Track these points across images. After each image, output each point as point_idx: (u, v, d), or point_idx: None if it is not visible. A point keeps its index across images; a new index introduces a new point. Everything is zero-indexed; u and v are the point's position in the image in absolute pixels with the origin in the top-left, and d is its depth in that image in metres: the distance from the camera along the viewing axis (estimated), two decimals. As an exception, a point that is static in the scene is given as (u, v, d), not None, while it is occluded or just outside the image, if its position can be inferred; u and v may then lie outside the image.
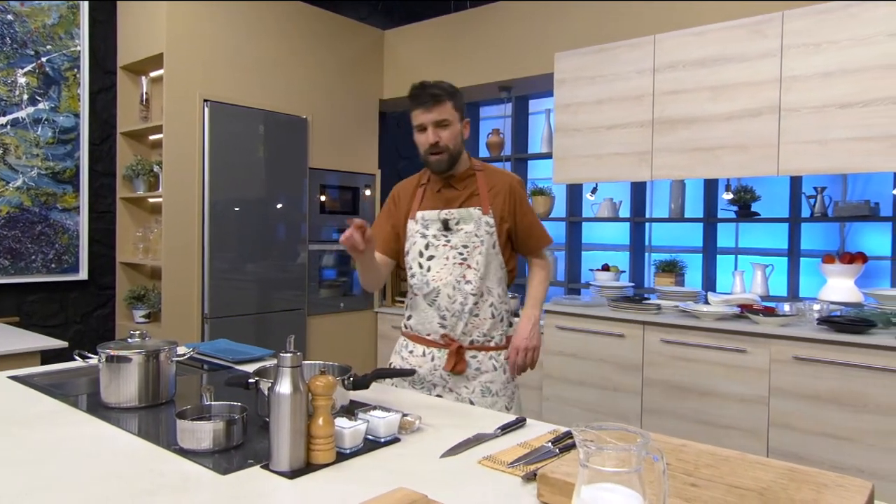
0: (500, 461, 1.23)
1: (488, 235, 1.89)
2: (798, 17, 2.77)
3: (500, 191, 1.92)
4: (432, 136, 1.83)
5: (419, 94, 1.84)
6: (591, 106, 3.41)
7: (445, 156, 1.85)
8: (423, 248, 1.92)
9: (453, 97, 1.86)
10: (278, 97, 3.88)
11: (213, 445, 1.24)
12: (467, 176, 1.94)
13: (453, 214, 1.91)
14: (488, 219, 1.89)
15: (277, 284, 3.84)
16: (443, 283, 1.88)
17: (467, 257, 1.88)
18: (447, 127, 1.84)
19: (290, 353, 1.18)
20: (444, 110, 1.83)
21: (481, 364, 1.91)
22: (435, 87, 1.84)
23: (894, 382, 2.48)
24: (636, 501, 0.80)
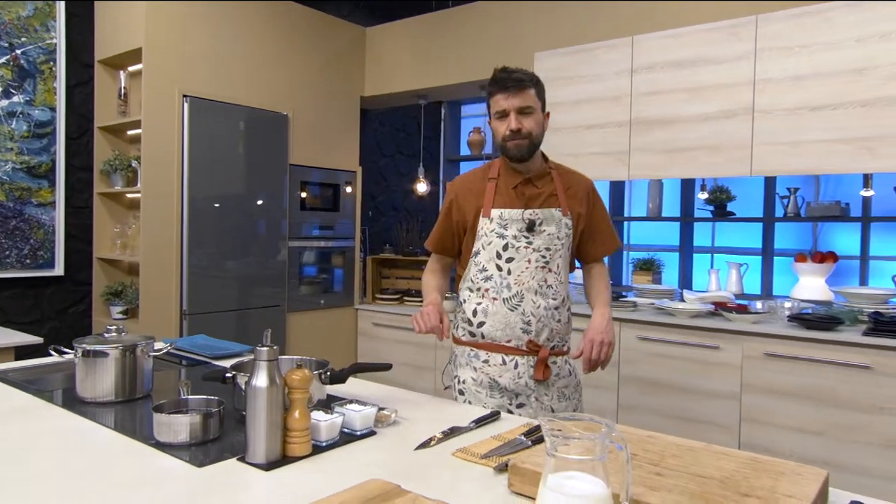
0: (474, 453, 1.26)
1: (567, 238, 1.83)
2: (772, 21, 2.83)
3: (578, 192, 1.86)
4: (514, 123, 1.73)
5: (503, 78, 1.76)
6: (570, 106, 3.45)
7: (527, 142, 1.75)
8: (501, 248, 1.80)
9: (537, 85, 1.79)
10: (259, 93, 3.87)
11: (189, 439, 1.25)
12: (545, 174, 1.85)
13: (538, 215, 1.80)
14: (568, 220, 1.83)
15: (257, 281, 3.83)
16: (526, 287, 1.79)
17: (549, 261, 1.80)
18: (530, 114, 1.75)
19: (267, 346, 1.19)
20: (527, 97, 1.74)
21: (560, 369, 1.86)
22: (519, 72, 1.76)
23: (859, 378, 2.55)
24: (600, 488, 0.82)
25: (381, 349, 4.32)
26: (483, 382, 1.83)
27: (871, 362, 2.53)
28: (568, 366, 1.89)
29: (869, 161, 2.63)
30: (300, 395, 1.21)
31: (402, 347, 4.21)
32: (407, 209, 5.72)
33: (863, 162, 2.65)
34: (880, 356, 2.51)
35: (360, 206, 4.55)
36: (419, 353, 4.12)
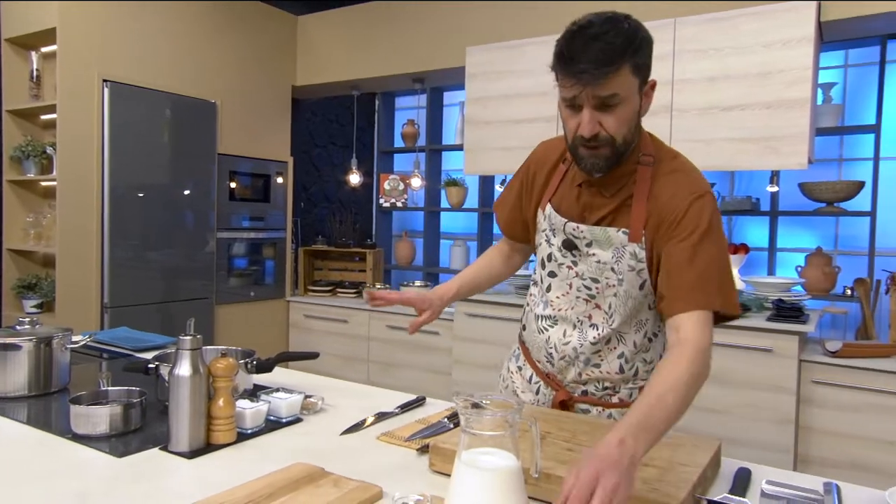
0: (398, 436, 1.30)
1: (633, 273, 1.27)
2: (688, 25, 2.98)
3: (662, 206, 1.22)
4: (589, 125, 1.14)
5: (576, 51, 1.10)
6: (501, 100, 3.53)
7: (607, 150, 1.17)
8: (546, 257, 1.39)
9: (636, 52, 1.12)
10: (186, 80, 3.75)
11: (109, 430, 1.23)
12: (626, 173, 1.25)
13: (583, 233, 1.30)
14: (637, 248, 1.25)
15: (184, 273, 3.73)
16: (561, 314, 1.37)
17: (596, 295, 1.32)
18: (616, 107, 1.13)
19: (190, 335, 1.19)
20: (615, 82, 1.10)
21: None
22: (606, 35, 1.09)
23: (762, 360, 2.74)
24: (511, 461, 0.88)
25: (312, 341, 4.29)
26: (509, 387, 1.55)
27: (772, 346, 2.72)
28: (612, 422, 1.33)
29: (774, 159, 2.82)
30: (224, 383, 1.22)
31: (334, 339, 4.21)
32: (340, 200, 5.68)
33: (768, 160, 2.84)
34: (780, 340, 2.71)
35: (292, 196, 4.50)
36: (351, 345, 4.12)
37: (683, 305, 1.14)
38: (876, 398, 2.59)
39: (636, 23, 1.15)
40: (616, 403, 1.38)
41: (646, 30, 1.16)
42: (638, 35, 1.14)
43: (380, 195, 5.05)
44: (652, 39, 1.18)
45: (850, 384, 2.63)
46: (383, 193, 5.03)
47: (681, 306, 1.14)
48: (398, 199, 4.99)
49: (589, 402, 1.39)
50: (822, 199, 3.45)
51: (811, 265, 3.53)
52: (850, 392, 2.63)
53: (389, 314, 3.98)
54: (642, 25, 1.16)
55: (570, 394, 1.40)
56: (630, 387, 1.39)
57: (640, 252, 1.25)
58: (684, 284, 1.15)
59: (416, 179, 4.37)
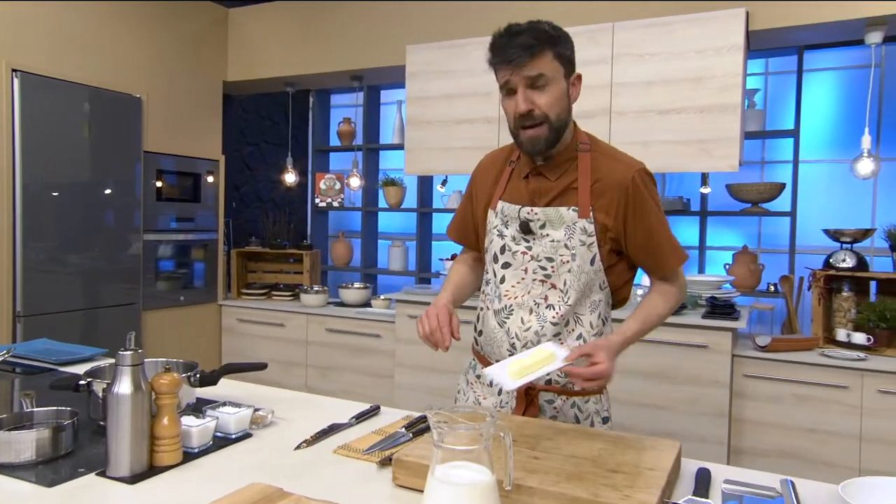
0: (356, 449, 1.25)
1: (584, 247, 1.37)
2: (626, 29, 3.04)
3: (610, 185, 1.37)
4: (523, 102, 1.31)
5: (504, 44, 1.31)
6: (442, 100, 3.50)
7: (544, 129, 1.33)
8: (499, 250, 1.46)
9: (556, 43, 1.32)
10: (108, 73, 3.53)
11: (35, 457, 1.12)
12: (567, 159, 1.40)
13: (536, 215, 1.41)
14: (586, 224, 1.37)
15: (107, 277, 3.51)
16: (517, 301, 1.43)
17: (551, 274, 1.40)
18: (545, 87, 1.31)
19: (131, 350, 1.10)
20: (539, 63, 1.29)
21: (560, 412, 1.44)
22: (528, 31, 1.30)
23: (698, 356, 2.84)
24: (485, 476, 0.85)
25: (247, 346, 4.14)
26: (469, 398, 1.56)
27: (707, 342, 2.82)
28: (575, 410, 1.44)
29: (707, 161, 2.93)
30: (169, 400, 1.13)
31: (269, 344, 4.07)
32: (274, 200, 5.51)
33: (702, 162, 2.94)
34: (715, 336, 2.82)
35: (224, 196, 4.32)
36: (288, 349, 4.00)
37: (671, 266, 1.44)
38: (799, 389, 2.73)
39: (552, 25, 1.36)
40: (578, 392, 1.43)
41: (566, 32, 1.37)
42: (558, 31, 1.35)
43: (315, 195, 4.93)
44: (572, 41, 1.38)
45: (777, 377, 2.76)
46: (319, 193, 4.92)
47: (670, 267, 1.44)
48: (334, 198, 4.89)
49: (553, 391, 1.43)
50: (747, 199, 3.62)
51: (738, 263, 3.70)
52: (778, 384, 2.76)
53: (328, 317, 3.89)
54: (562, 30, 1.37)
55: (533, 383, 1.38)
56: None
57: (588, 227, 1.38)
58: (664, 250, 1.42)
59: (355, 179, 4.29)
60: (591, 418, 1.47)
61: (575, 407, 1.44)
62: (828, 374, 2.67)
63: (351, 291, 4.09)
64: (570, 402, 1.44)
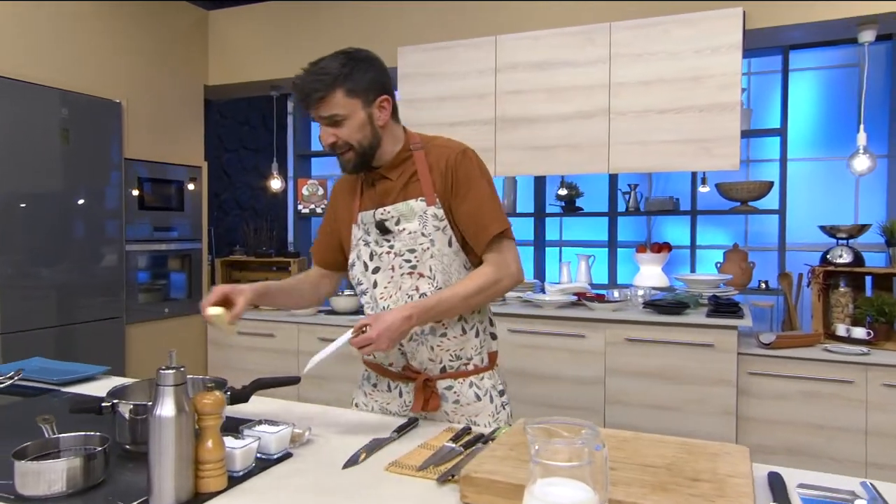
0: (408, 465, 1.18)
1: (439, 231, 1.48)
2: (623, 30, 3.04)
3: (441, 170, 1.49)
4: (325, 137, 1.45)
5: (297, 89, 1.44)
6: (434, 102, 3.45)
7: (351, 154, 1.46)
8: (367, 257, 1.54)
9: (345, 81, 1.41)
10: (85, 77, 3.38)
11: (66, 488, 1.03)
12: (403, 159, 1.51)
13: (389, 212, 1.50)
14: (435, 210, 1.48)
15: (88, 291, 3.35)
16: (392, 300, 1.50)
17: (417, 264, 1.48)
18: (342, 122, 1.43)
19: (174, 369, 1.02)
20: (331, 104, 1.41)
21: (460, 395, 1.52)
22: (314, 77, 1.41)
23: (703, 355, 2.83)
24: (587, 493, 0.80)
25: (235, 358, 4.00)
26: (373, 409, 1.62)
27: (713, 341, 2.82)
28: (474, 389, 1.53)
29: (707, 160, 2.93)
30: (213, 421, 1.05)
31: (259, 355, 3.94)
32: (254, 207, 5.38)
33: (702, 161, 2.95)
34: (720, 334, 2.82)
35: (206, 204, 4.18)
36: (278, 360, 3.88)
37: (490, 231, 1.46)
38: (804, 385, 2.74)
39: (358, 54, 1.44)
40: (472, 370, 1.54)
41: (369, 58, 1.44)
42: (351, 64, 1.41)
43: (298, 201, 4.82)
44: (374, 65, 1.44)
45: (782, 373, 2.77)
46: (301, 199, 4.81)
47: (489, 233, 1.46)
48: (318, 204, 4.78)
49: (450, 377, 1.52)
50: (737, 198, 3.65)
51: (729, 261, 3.72)
52: (783, 381, 2.77)
53: (320, 325, 3.78)
54: (365, 56, 1.45)
55: (428, 375, 1.51)
56: (480, 352, 1.56)
57: (438, 212, 1.48)
58: (483, 218, 1.46)
59: (344, 184, 4.19)
60: (489, 393, 1.55)
61: (473, 386, 1.53)
62: (833, 370, 2.69)
63: (342, 299, 3.99)
64: (468, 382, 1.53)
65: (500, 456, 1.09)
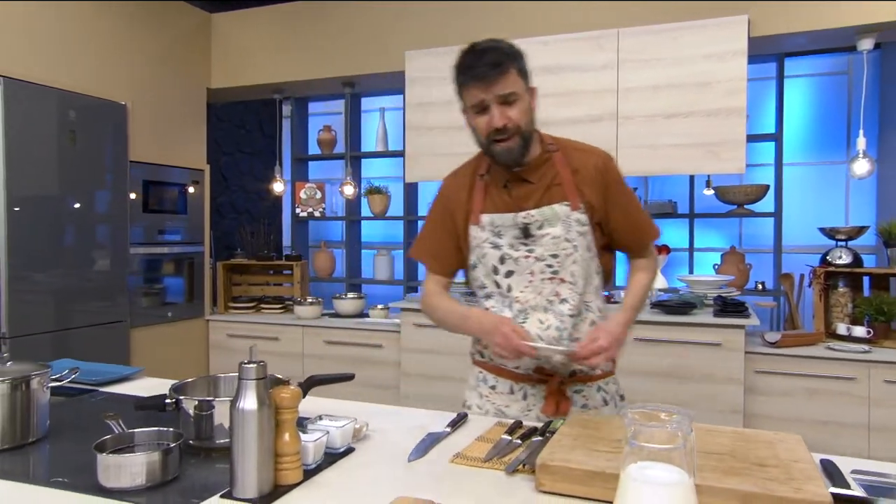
0: (473, 458, 1.21)
1: (581, 237, 1.45)
2: (631, 35, 3.11)
3: (588, 174, 1.47)
4: (499, 119, 1.38)
5: (473, 63, 1.38)
6: (443, 106, 3.48)
7: (516, 140, 1.40)
8: (498, 262, 1.49)
9: (517, 59, 1.40)
10: (91, 79, 3.35)
11: (146, 481, 1.04)
12: (543, 161, 1.48)
13: (534, 217, 1.46)
14: (579, 215, 1.45)
15: (92, 294, 3.31)
16: (531, 304, 1.47)
17: (559, 269, 1.45)
18: (515, 102, 1.39)
19: (255, 363, 1.04)
20: (509, 81, 1.37)
21: (588, 399, 1.51)
22: (494, 50, 1.38)
23: (713, 354, 2.90)
24: (682, 475, 0.83)
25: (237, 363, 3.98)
26: (489, 412, 1.56)
27: (721, 340, 2.89)
28: (602, 394, 1.54)
29: (715, 164, 3.01)
30: (290, 415, 1.07)
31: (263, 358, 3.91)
32: (249, 211, 5.36)
33: (710, 164, 3.02)
34: (728, 334, 2.88)
35: (210, 208, 4.16)
36: (283, 363, 3.88)
37: (650, 239, 1.57)
38: (809, 382, 2.82)
39: (510, 42, 1.44)
40: (599, 375, 1.54)
41: (517, 48, 1.44)
42: (513, 47, 1.43)
43: (295, 204, 4.82)
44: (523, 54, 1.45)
45: (787, 371, 2.84)
46: (299, 202, 4.81)
47: (650, 240, 1.57)
48: (315, 208, 4.79)
49: (580, 381, 1.51)
50: (734, 201, 3.74)
51: (727, 263, 3.81)
52: (788, 379, 2.85)
53: (325, 328, 3.79)
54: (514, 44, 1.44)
55: (562, 378, 1.49)
56: None
57: (582, 217, 1.46)
58: (642, 226, 1.55)
59: (349, 187, 4.20)
60: (615, 398, 1.58)
61: (601, 391, 1.54)
62: (836, 367, 2.78)
63: (346, 302, 4.01)
64: (595, 386, 1.54)
65: (567, 445, 1.12)
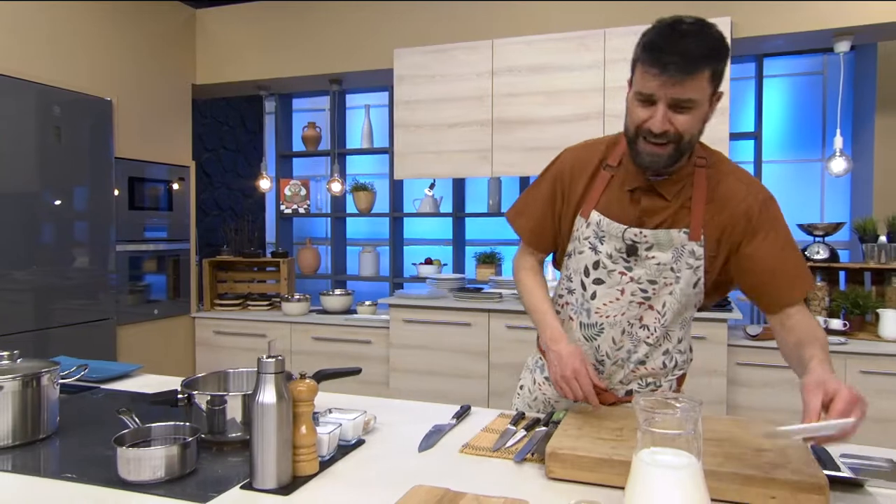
0: (480, 448, 1.24)
1: (690, 271, 1.30)
2: (617, 36, 3.16)
3: (727, 210, 1.27)
4: (661, 123, 1.17)
5: (664, 47, 1.13)
6: (431, 104, 3.51)
7: (670, 148, 1.20)
8: (591, 265, 1.36)
9: (718, 60, 1.16)
10: (76, 74, 3.31)
11: (165, 475, 1.06)
12: (685, 176, 1.28)
13: (645, 237, 1.30)
14: (695, 247, 1.28)
15: (79, 292, 3.28)
16: (609, 321, 1.36)
17: (652, 297, 1.33)
18: (689, 110, 1.17)
19: (273, 357, 1.06)
20: (694, 85, 1.14)
21: None
22: (696, 39, 1.13)
23: (696, 347, 2.97)
24: (691, 458, 0.88)
25: (225, 360, 3.98)
26: (538, 399, 1.53)
27: (705, 333, 2.97)
28: None
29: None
30: (306, 408, 1.10)
31: (251, 356, 3.93)
32: (233, 208, 5.33)
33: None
34: (712, 327, 2.97)
35: (195, 205, 4.14)
36: (272, 360, 3.87)
37: (794, 297, 1.26)
38: (789, 374, 2.91)
39: (721, 32, 1.19)
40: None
41: (727, 42, 1.19)
42: (722, 42, 1.17)
43: (280, 201, 4.81)
44: (729, 52, 1.21)
45: (768, 363, 2.93)
46: (284, 199, 4.80)
47: (793, 298, 1.26)
48: (300, 205, 4.79)
49: (627, 401, 1.43)
50: (716, 198, 3.82)
51: (709, 259, 3.90)
52: (769, 370, 2.94)
53: (314, 325, 3.80)
54: (724, 36, 1.19)
55: (616, 396, 1.43)
56: (669, 378, 1.46)
57: (698, 250, 1.28)
58: (782, 282, 1.26)
59: (336, 184, 4.21)
60: None
61: None
62: (815, 359, 2.87)
63: (333, 298, 4.02)
64: None
65: (573, 435, 1.17)
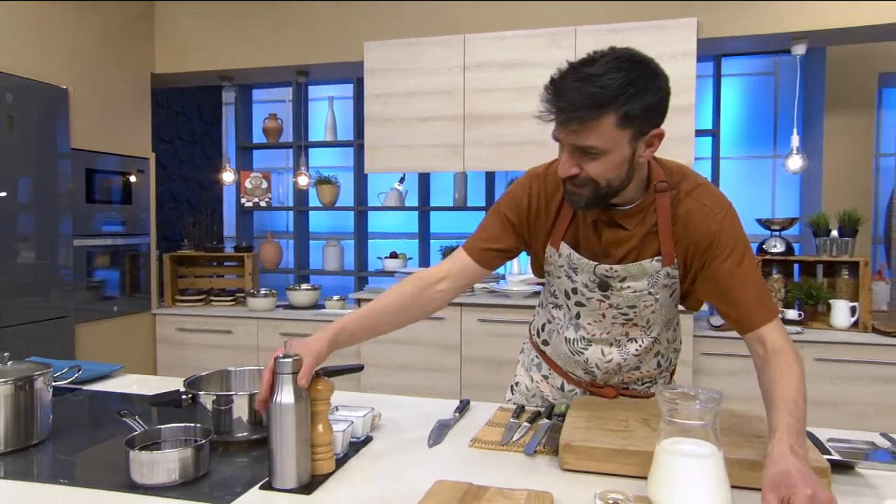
0: (488, 441, 1.26)
1: (666, 289, 1.30)
2: (588, 33, 3.22)
3: (690, 231, 1.22)
4: (565, 168, 1.13)
5: (558, 90, 1.08)
6: (403, 97, 3.49)
7: (588, 191, 1.15)
8: (570, 290, 1.36)
9: (625, 103, 1.06)
10: (29, 61, 3.15)
11: (180, 477, 1.04)
12: (644, 207, 1.23)
13: (617, 272, 1.28)
14: (670, 269, 1.26)
15: (33, 289, 3.14)
16: (595, 338, 1.38)
17: (634, 317, 1.34)
18: (597, 157, 1.10)
19: (290, 357, 1.05)
20: (594, 133, 1.07)
21: None
22: (585, 89, 1.05)
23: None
24: (711, 448, 0.92)
25: (190, 357, 3.88)
26: (536, 395, 1.56)
27: (671, 324, 3.07)
28: None
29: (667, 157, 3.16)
30: (323, 406, 1.10)
31: (216, 352, 3.85)
32: (190, 202, 5.19)
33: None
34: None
35: (154, 198, 4.01)
36: (238, 357, 3.81)
37: (763, 319, 1.18)
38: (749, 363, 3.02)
39: (646, 65, 1.11)
40: (653, 393, 1.48)
41: (656, 73, 1.12)
42: (638, 82, 1.07)
43: (241, 194, 4.71)
44: (662, 87, 1.12)
45: (730, 353, 3.06)
46: (245, 193, 4.70)
47: (760, 320, 1.18)
48: (261, 198, 4.70)
49: (630, 397, 1.46)
50: (676, 193, 3.95)
51: (670, 252, 4.03)
52: (731, 360, 3.06)
53: (281, 321, 3.75)
54: (654, 69, 1.12)
55: (616, 390, 1.45)
56: (664, 375, 1.51)
57: (673, 272, 1.27)
58: (752, 300, 1.19)
59: (303, 178, 4.15)
60: None
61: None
62: (774, 348, 3.01)
63: (300, 293, 3.97)
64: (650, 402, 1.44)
65: (583, 427, 1.20)
